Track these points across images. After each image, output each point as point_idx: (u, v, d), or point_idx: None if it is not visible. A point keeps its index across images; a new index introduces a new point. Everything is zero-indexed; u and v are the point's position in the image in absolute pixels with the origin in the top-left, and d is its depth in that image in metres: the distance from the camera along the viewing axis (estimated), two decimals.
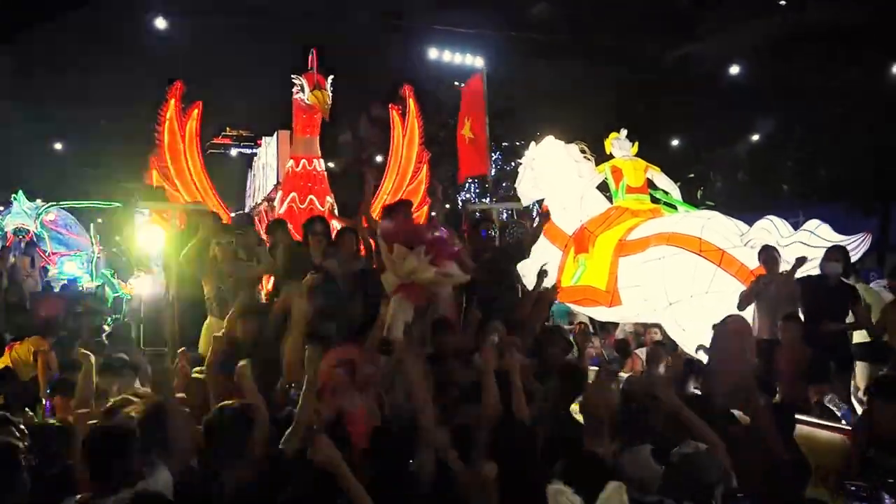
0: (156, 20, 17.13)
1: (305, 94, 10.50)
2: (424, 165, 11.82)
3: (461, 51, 15.79)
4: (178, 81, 10.81)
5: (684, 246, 8.41)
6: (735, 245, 8.21)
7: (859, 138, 19.86)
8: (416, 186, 11.71)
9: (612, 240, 9.50)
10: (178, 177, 10.67)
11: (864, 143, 19.83)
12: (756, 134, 23.82)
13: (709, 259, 8.23)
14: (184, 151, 10.77)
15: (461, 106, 10.39)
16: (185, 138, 10.79)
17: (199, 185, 10.84)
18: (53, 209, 21.97)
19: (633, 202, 10.24)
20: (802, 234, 7.96)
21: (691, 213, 10.21)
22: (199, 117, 11.00)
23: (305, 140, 10.92)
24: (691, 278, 8.24)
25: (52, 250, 21.33)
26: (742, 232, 8.29)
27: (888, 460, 3.49)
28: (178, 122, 10.70)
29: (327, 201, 10.81)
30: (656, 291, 8.58)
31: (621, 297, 9.19)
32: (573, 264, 10.04)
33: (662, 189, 10.86)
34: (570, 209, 10.58)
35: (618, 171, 10.62)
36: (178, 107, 10.75)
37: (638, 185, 10.47)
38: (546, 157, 10.99)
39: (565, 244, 10.37)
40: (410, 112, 11.86)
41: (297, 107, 10.78)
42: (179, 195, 10.60)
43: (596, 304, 9.70)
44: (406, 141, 11.85)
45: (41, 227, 21.32)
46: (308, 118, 10.79)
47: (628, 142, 10.97)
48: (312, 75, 10.62)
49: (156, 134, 10.69)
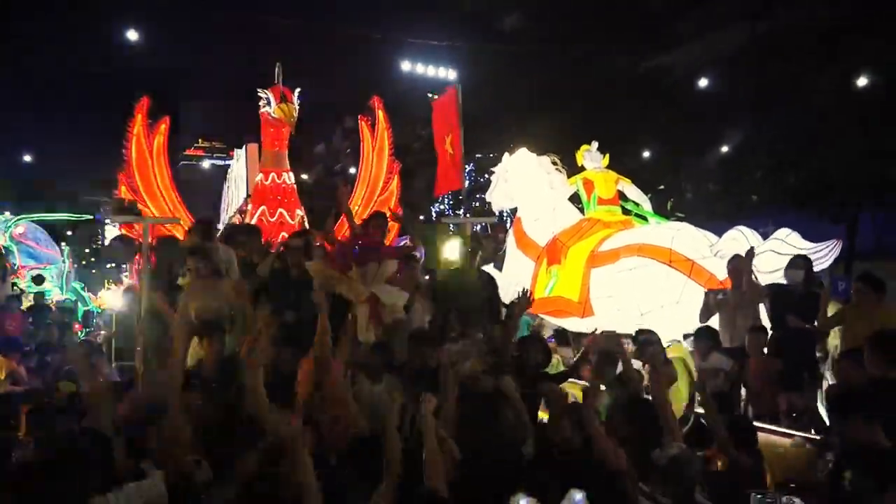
0: (126, 32, 16.96)
1: (272, 108, 10.45)
2: (395, 176, 11.80)
3: (434, 63, 15.86)
4: (145, 97, 10.71)
5: (655, 257, 8.48)
6: (704, 256, 8.29)
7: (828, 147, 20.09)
8: (388, 197, 11.68)
9: (584, 251, 9.55)
10: (146, 191, 10.56)
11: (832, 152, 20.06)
12: (725, 144, 24.03)
13: (679, 270, 8.30)
14: (151, 167, 10.66)
15: (434, 119, 10.38)
16: (152, 153, 10.69)
17: (167, 199, 10.75)
18: (23, 221, 21.67)
19: (605, 214, 10.31)
20: (773, 243, 8.05)
21: (662, 225, 10.30)
22: (165, 132, 10.91)
23: (274, 153, 10.86)
24: (662, 289, 8.29)
25: (22, 263, 21.02)
26: (712, 243, 8.36)
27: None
28: (145, 137, 10.60)
29: (297, 214, 10.75)
30: (628, 302, 8.62)
31: (594, 308, 9.22)
32: (546, 275, 10.07)
33: (633, 200, 10.95)
34: (543, 220, 10.63)
35: (589, 182, 10.69)
36: (144, 122, 10.65)
37: (609, 196, 10.54)
38: (519, 168, 11.04)
39: (538, 255, 10.41)
40: (380, 123, 11.85)
41: (265, 120, 10.72)
42: (149, 210, 10.48)
43: (568, 314, 9.72)
44: (376, 152, 11.83)
45: (10, 241, 21.01)
46: (276, 131, 10.73)
47: (599, 154, 11.06)
48: (279, 88, 10.58)
49: (123, 150, 10.58)
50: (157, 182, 10.67)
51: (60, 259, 22.49)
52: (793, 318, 7.08)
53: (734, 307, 7.49)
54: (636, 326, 8.56)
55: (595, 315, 9.22)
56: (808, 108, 20.29)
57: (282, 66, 10.65)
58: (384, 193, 11.64)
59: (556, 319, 10.36)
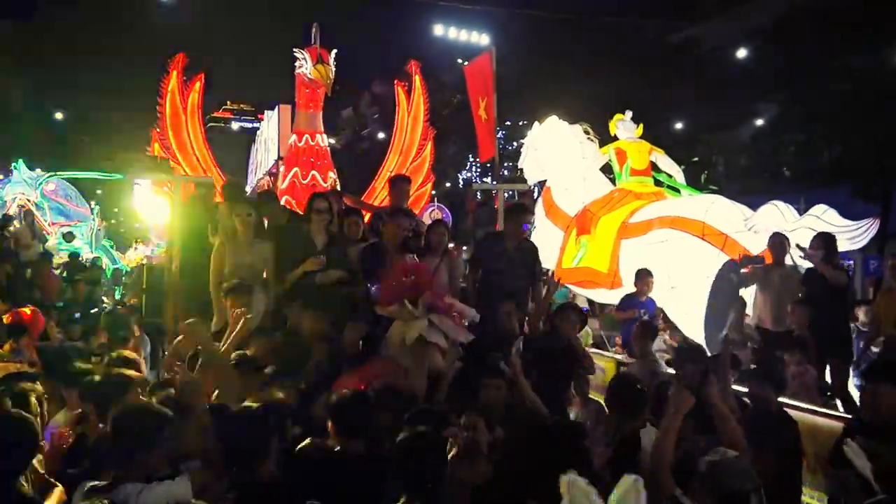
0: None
1: (308, 69, 10.38)
2: (429, 143, 11.73)
3: (467, 28, 15.69)
4: (181, 53, 10.68)
5: (687, 230, 8.35)
6: (739, 230, 8.13)
7: (861, 123, 19.76)
8: (420, 164, 11.62)
9: (615, 222, 9.46)
10: (179, 150, 10.59)
11: (865, 127, 19.73)
12: (759, 118, 23.72)
13: (712, 243, 8.18)
14: (185, 124, 10.67)
15: (469, 85, 10.28)
16: (186, 111, 10.68)
17: (200, 158, 10.77)
18: (54, 179, 21.92)
19: (637, 185, 10.19)
20: (809, 220, 7.91)
21: (695, 197, 10.16)
22: (201, 90, 10.90)
23: (308, 115, 10.81)
24: (693, 263, 8.20)
25: (52, 220, 21.30)
26: (746, 217, 8.23)
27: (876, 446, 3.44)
28: (179, 94, 10.59)
29: (330, 177, 10.71)
30: (658, 275, 8.55)
31: (623, 280, 9.16)
32: (574, 246, 10.00)
33: (666, 172, 10.82)
34: (573, 190, 10.54)
35: (622, 152, 10.57)
36: (180, 79, 10.63)
37: (642, 167, 10.42)
38: (549, 137, 10.94)
39: (567, 225, 10.34)
40: (416, 89, 11.76)
41: (300, 81, 10.67)
42: (181, 168, 10.52)
43: (597, 286, 9.68)
44: (411, 118, 11.76)
45: (42, 197, 21.28)
46: (311, 93, 10.67)
47: (633, 123, 10.92)
48: (315, 49, 10.50)
49: (157, 107, 10.60)
50: (190, 140, 10.69)
51: (90, 217, 22.77)
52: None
53: (779, 285, 7.40)
54: (666, 300, 8.55)
55: (624, 287, 9.17)
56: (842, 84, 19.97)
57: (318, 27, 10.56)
58: (417, 160, 11.59)
59: (584, 290, 10.32)
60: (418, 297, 5.05)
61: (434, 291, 5.25)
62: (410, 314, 5.02)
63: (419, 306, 5.02)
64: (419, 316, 4.99)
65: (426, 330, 4.95)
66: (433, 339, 4.95)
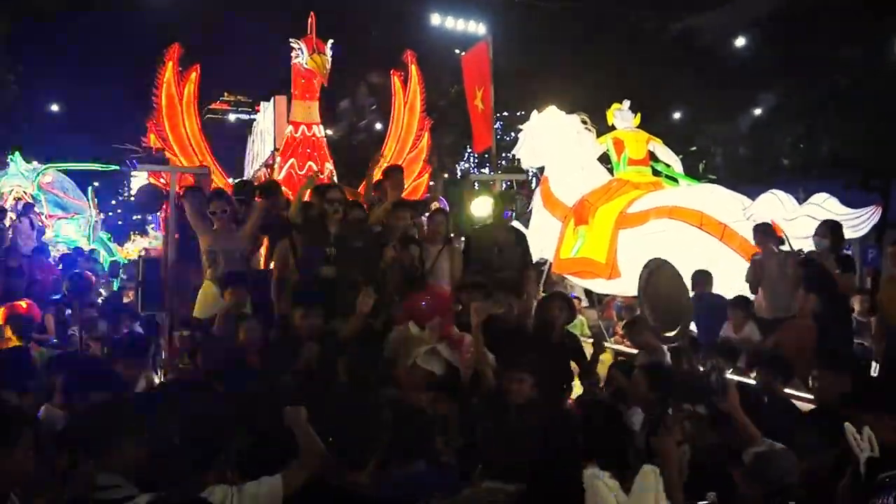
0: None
1: (304, 59, 10.33)
2: (425, 133, 11.67)
3: (464, 17, 15.62)
4: (176, 44, 10.61)
5: (685, 219, 8.34)
6: (737, 219, 8.12)
7: (859, 114, 19.74)
8: (417, 154, 11.56)
9: (613, 212, 9.44)
10: (175, 141, 10.53)
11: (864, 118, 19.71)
12: (758, 108, 23.68)
13: (710, 233, 8.17)
14: (181, 115, 10.60)
15: (465, 75, 10.24)
16: (182, 102, 10.61)
17: (196, 149, 10.71)
18: (50, 171, 21.82)
19: (635, 174, 10.17)
20: (809, 208, 7.88)
21: (693, 187, 10.15)
22: (197, 81, 10.82)
23: (305, 105, 10.74)
24: (692, 252, 8.18)
25: (49, 213, 21.21)
26: (745, 206, 8.20)
27: None
28: (175, 85, 10.53)
29: (327, 168, 10.69)
30: None
31: (621, 270, 9.15)
32: (572, 236, 9.98)
33: (664, 162, 10.80)
34: (571, 180, 10.51)
35: (619, 142, 10.55)
36: (175, 70, 10.57)
37: (639, 157, 10.40)
38: (547, 126, 10.89)
39: (565, 215, 10.32)
40: (412, 79, 11.69)
41: (296, 71, 10.61)
42: (177, 159, 10.46)
43: (595, 276, 9.67)
44: (407, 108, 11.69)
45: (38, 189, 21.19)
46: (307, 83, 10.62)
47: (630, 113, 10.89)
48: (311, 39, 10.45)
49: (153, 98, 10.53)
50: (186, 131, 10.62)
51: (87, 209, 22.67)
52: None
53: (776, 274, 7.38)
54: None
55: (622, 277, 9.16)
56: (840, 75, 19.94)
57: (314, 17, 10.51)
58: (413, 151, 11.52)
59: (581, 281, 10.32)
60: (429, 320, 5.08)
61: (449, 323, 5.28)
62: (420, 337, 5.05)
63: (429, 331, 5.07)
64: (426, 340, 5.03)
65: (423, 357, 4.94)
66: (428, 367, 4.93)
